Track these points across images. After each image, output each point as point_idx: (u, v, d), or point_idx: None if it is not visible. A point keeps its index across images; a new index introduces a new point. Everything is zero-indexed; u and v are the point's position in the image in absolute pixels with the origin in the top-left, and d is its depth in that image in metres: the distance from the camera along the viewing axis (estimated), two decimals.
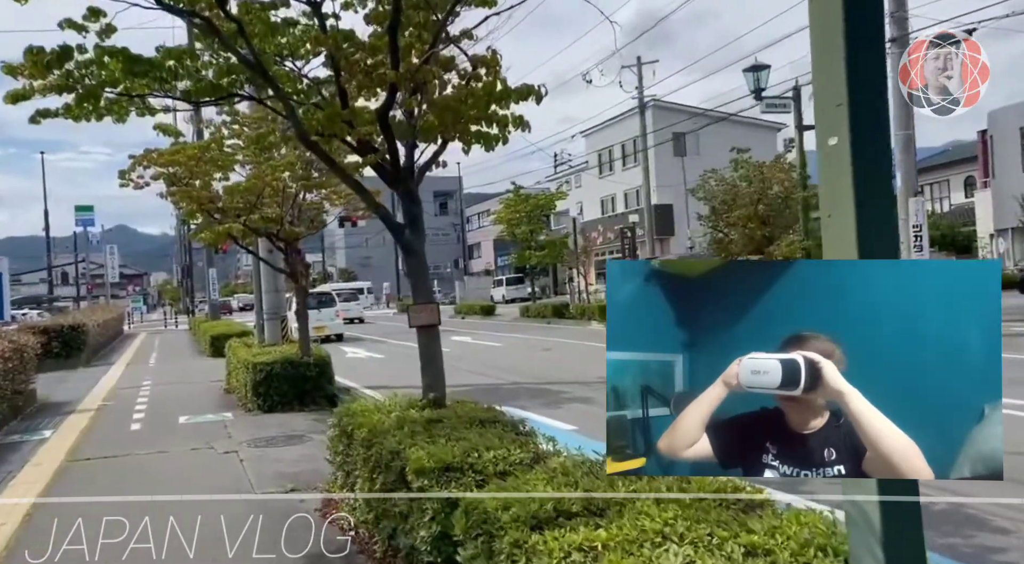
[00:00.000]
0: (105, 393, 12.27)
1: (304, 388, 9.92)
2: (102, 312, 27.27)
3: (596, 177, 45.89)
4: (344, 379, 11.87)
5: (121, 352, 22.76)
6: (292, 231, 9.24)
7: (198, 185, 9.04)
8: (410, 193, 5.05)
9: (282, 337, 12.07)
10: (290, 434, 8.10)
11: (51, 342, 17.53)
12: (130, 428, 8.89)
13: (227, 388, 12.00)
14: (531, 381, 11.90)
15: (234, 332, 18.57)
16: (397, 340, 22.76)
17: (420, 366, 5.25)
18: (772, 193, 17.81)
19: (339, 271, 73.91)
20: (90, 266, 58.42)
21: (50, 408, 10.97)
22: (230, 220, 8.98)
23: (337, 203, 9.96)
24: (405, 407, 5.07)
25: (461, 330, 25.98)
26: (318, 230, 9.67)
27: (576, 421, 8.12)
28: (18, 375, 10.41)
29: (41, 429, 9.11)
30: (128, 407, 10.53)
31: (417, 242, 5.09)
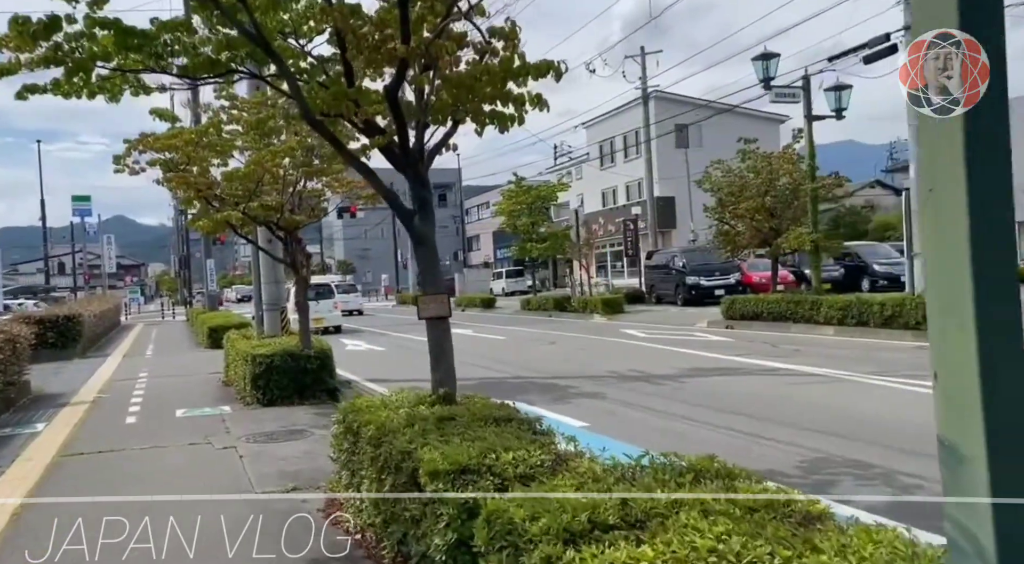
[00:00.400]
0: (101, 385, 12.01)
1: (304, 381, 9.66)
2: (98, 302, 26.97)
3: (597, 169, 45.56)
4: (345, 372, 11.62)
5: (118, 343, 22.48)
6: (292, 219, 8.95)
7: (196, 172, 8.74)
8: (420, 177, 4.77)
9: (281, 329, 11.80)
10: (291, 429, 7.84)
11: (46, 333, 17.26)
12: (125, 421, 8.63)
13: (225, 381, 11.74)
14: (538, 375, 11.64)
15: (232, 323, 18.28)
16: (398, 332, 22.51)
17: (429, 360, 4.98)
18: (780, 184, 17.51)
19: (337, 263, 73.64)
20: (88, 256, 58.05)
21: (44, 400, 10.70)
22: (228, 208, 8.68)
23: (338, 191, 9.66)
24: (414, 403, 4.81)
25: (462, 323, 25.71)
26: (319, 218, 9.40)
27: (588, 417, 7.86)
28: (10, 366, 10.14)
29: (34, 422, 8.84)
30: (124, 399, 10.26)
31: (428, 229, 4.82)
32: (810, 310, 16.09)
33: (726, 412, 8.01)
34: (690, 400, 8.79)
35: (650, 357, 13.14)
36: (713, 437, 6.89)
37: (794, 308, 16.53)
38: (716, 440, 6.66)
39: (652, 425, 7.59)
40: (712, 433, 7.08)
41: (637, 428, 7.41)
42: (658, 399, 8.97)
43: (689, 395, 9.14)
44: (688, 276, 26.36)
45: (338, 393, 9.90)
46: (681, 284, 26.73)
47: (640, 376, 10.85)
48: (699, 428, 7.33)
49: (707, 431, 7.20)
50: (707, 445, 5.43)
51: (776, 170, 17.36)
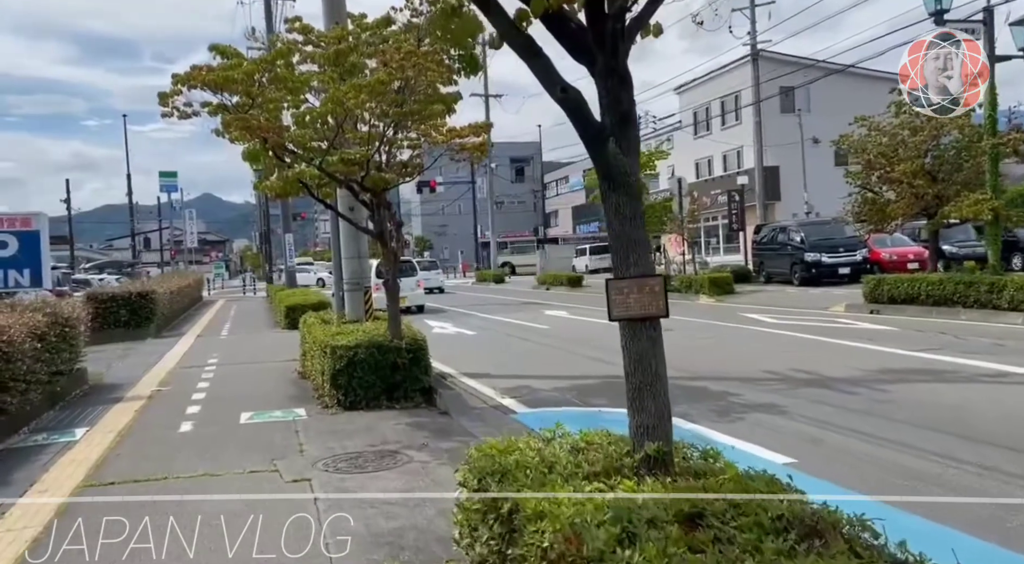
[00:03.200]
0: (164, 374, 10.56)
1: (394, 379, 7.83)
2: (178, 278, 26.27)
3: (690, 138, 42.30)
4: (436, 362, 9.73)
5: (194, 321, 21.52)
6: (380, 178, 7.02)
7: (262, 118, 6.89)
8: (617, 69, 2.67)
9: (365, 313, 10.01)
10: (380, 449, 5.98)
11: (119, 310, 16.23)
12: (179, 429, 6.98)
13: (301, 372, 10.10)
14: (675, 373, 9.42)
15: (310, 303, 16.85)
16: (484, 313, 20.68)
17: (626, 390, 2.92)
18: (945, 143, 14.57)
19: (415, 239, 72.88)
20: (175, 232, 59.03)
21: (98, 393, 9.28)
22: (301, 163, 6.84)
23: (438, 140, 7.61)
24: (605, 465, 2.77)
25: (551, 303, 23.70)
26: (412, 176, 7.42)
27: (785, 447, 5.66)
28: (60, 353, 8.71)
29: (75, 425, 7.33)
30: (185, 395, 8.71)
31: (628, 159, 2.73)
32: (988, 293, 13.22)
33: (973, 441, 5.67)
34: (906, 419, 6.45)
35: (806, 352, 10.70)
36: (992, 487, 4.62)
37: (964, 290, 13.67)
38: (998, 491, 4.42)
39: (883, 463, 5.31)
40: (982, 480, 4.79)
41: (868, 469, 5.16)
42: (858, 417, 6.66)
43: (897, 411, 6.79)
44: (807, 253, 23.37)
45: (434, 394, 8.04)
46: (799, 262, 23.77)
47: (813, 379, 8.51)
48: (955, 470, 5.03)
49: (972, 476, 4.91)
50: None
51: (941, 125, 14.38)
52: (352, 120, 6.70)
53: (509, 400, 8.08)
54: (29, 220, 8.60)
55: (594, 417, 6.96)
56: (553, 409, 7.47)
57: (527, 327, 16.13)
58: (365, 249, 10.34)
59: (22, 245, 8.59)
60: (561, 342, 13.09)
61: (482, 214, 59.15)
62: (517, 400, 8.06)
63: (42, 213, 8.82)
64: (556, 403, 7.84)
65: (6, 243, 8.52)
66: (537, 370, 10.04)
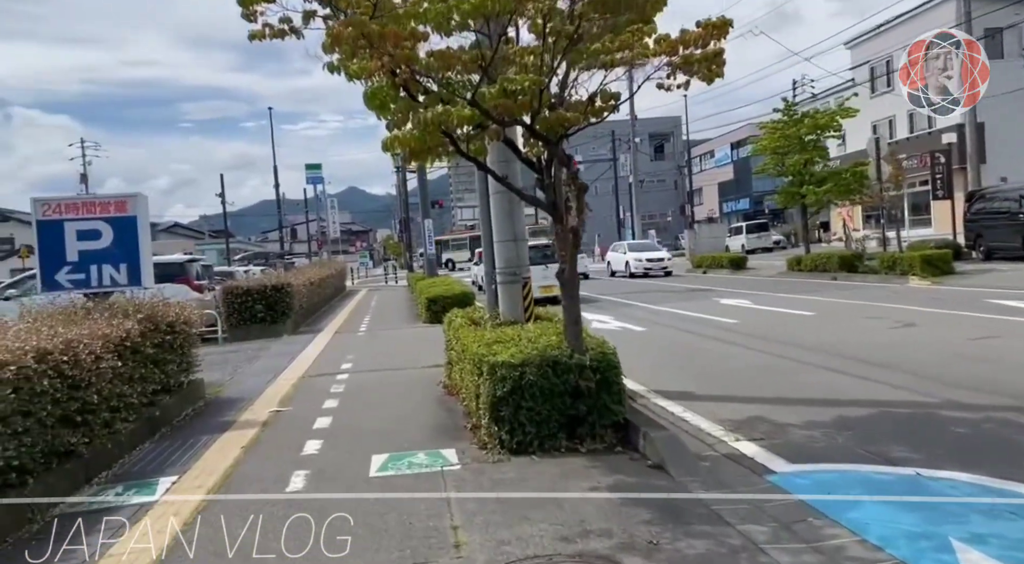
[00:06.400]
0: (289, 387, 8.86)
1: (576, 410, 5.51)
2: (317, 269, 25.56)
3: (866, 96, 36.92)
4: None
5: (335, 314, 20.43)
6: (560, 117, 4.63)
7: (389, 45, 4.69)
8: None
9: (525, 314, 7.74)
10: (581, 548, 3.64)
11: (254, 305, 15.12)
12: (288, 484, 5.01)
13: (446, 385, 8.05)
14: (991, 405, 6.39)
15: (454, 294, 14.98)
16: (643, 302, 17.96)
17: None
18: None
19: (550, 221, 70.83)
20: (321, 223, 60.57)
21: (211, 413, 7.67)
22: (441, 99, 4.59)
23: (644, 56, 4.99)
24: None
25: (719, 289, 20.57)
26: (603, 116, 4.91)
27: None
28: (164, 366, 7.13)
29: (164, 469, 5.59)
30: (306, 421, 6.85)
31: None
32: None
33: None
34: None
35: None
36: None
37: None
38: None
39: None
40: None
41: None
42: None
43: None
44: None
45: (633, 434, 5.59)
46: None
47: None
48: None
49: None
50: None
51: None
52: (515, 25, 4.38)
53: (747, 444, 5.46)
54: (124, 203, 7.05)
55: (918, 487, 4.26)
56: (831, 466, 4.81)
57: (708, 321, 13.31)
58: (523, 229, 8.05)
59: (117, 235, 7.05)
60: (767, 344, 10.20)
61: (624, 193, 56.15)
62: (760, 445, 5.42)
63: (140, 194, 7.24)
64: (828, 453, 5.14)
65: (99, 233, 7.01)
66: (762, 389, 7.29)
